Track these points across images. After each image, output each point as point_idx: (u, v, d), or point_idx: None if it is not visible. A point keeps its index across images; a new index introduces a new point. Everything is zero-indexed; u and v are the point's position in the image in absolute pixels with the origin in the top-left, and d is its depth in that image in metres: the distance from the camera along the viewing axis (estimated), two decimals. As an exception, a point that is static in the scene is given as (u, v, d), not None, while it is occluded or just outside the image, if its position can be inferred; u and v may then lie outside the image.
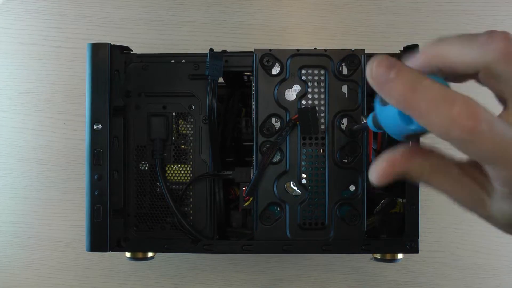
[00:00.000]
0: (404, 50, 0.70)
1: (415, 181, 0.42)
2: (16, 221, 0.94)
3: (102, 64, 0.68)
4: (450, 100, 0.33)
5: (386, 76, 0.35)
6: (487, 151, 0.33)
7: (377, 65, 0.35)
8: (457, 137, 0.32)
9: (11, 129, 0.94)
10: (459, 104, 0.32)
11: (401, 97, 0.34)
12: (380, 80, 0.35)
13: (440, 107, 0.32)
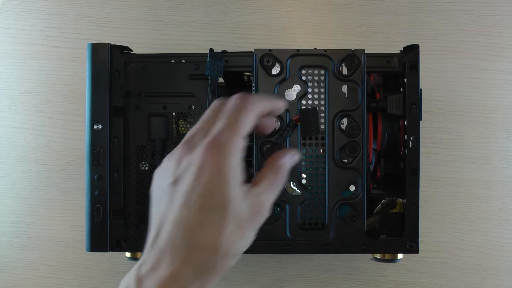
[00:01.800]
0: (404, 50, 0.70)
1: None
2: (16, 221, 0.94)
3: (102, 64, 0.68)
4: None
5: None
6: None
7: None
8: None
9: (11, 129, 0.94)
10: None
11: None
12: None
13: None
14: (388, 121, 0.71)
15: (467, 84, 0.90)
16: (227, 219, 0.48)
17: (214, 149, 0.49)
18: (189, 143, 0.51)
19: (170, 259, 0.47)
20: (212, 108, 0.54)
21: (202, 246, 0.47)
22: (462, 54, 0.91)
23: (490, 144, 0.90)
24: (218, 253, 0.47)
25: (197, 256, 0.47)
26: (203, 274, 0.47)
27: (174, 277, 0.46)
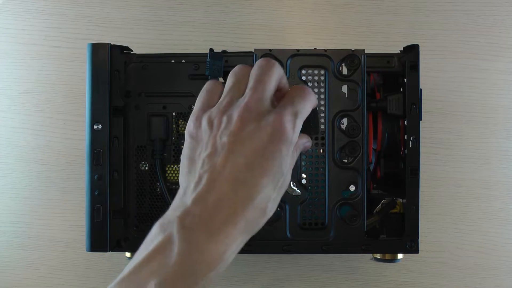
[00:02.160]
0: (404, 50, 0.70)
1: None
2: (16, 221, 0.94)
3: (102, 64, 0.68)
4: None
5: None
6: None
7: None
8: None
9: (11, 129, 0.94)
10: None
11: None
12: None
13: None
14: (388, 121, 0.71)
15: (467, 84, 0.90)
16: (277, 187, 0.51)
17: (287, 124, 0.51)
18: (254, 111, 0.51)
19: (224, 215, 0.47)
20: (238, 74, 0.55)
21: (257, 207, 0.49)
22: (462, 54, 0.90)
23: (490, 144, 0.90)
24: (265, 215, 0.50)
25: (249, 216, 0.48)
26: (248, 232, 0.49)
27: (229, 233, 0.47)
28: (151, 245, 0.47)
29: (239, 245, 0.49)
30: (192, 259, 0.46)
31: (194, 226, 0.47)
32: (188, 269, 0.45)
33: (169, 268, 0.45)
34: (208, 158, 0.50)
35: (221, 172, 0.49)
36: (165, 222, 0.48)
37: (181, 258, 0.45)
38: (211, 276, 0.46)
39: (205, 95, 0.56)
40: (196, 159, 0.52)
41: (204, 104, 0.55)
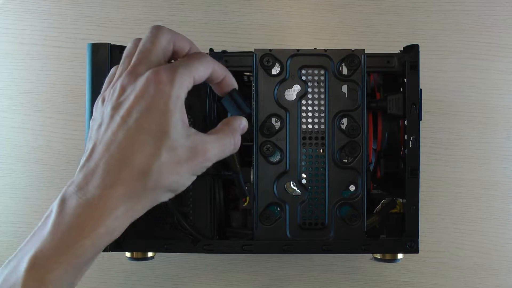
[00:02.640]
0: (404, 50, 0.70)
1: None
2: (16, 221, 0.94)
3: (102, 64, 0.68)
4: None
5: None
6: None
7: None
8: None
9: (11, 129, 0.94)
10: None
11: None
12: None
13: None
14: (388, 121, 0.71)
15: (467, 84, 0.90)
16: (162, 147, 0.49)
17: (161, 76, 0.50)
18: (133, 73, 0.51)
19: (100, 179, 0.47)
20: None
21: (134, 168, 0.47)
22: (462, 54, 0.90)
23: (490, 144, 0.90)
24: (149, 179, 0.48)
25: (127, 178, 0.47)
26: (131, 198, 0.48)
27: (101, 197, 0.46)
28: (39, 222, 0.48)
29: (126, 213, 0.48)
30: (62, 227, 0.45)
31: (70, 194, 0.47)
32: (59, 237, 0.45)
33: (43, 239, 0.45)
34: (96, 130, 0.51)
35: (102, 138, 0.49)
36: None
37: (53, 227, 0.45)
38: (86, 243, 0.46)
39: (106, 79, 0.57)
40: (91, 136, 0.51)
41: (105, 87, 0.55)
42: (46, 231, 0.46)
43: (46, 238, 0.45)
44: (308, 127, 0.68)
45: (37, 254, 0.45)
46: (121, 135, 0.48)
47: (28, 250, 0.46)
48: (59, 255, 0.45)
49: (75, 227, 0.45)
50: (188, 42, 0.57)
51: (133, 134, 0.48)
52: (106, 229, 0.47)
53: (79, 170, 0.48)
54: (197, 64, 0.54)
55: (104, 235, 0.47)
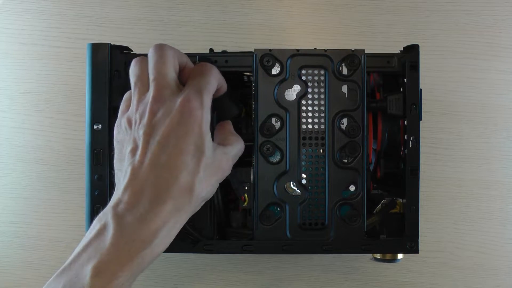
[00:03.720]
0: (404, 50, 0.70)
1: None
2: (16, 221, 0.94)
3: (102, 64, 0.68)
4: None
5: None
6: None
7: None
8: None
9: (11, 129, 0.94)
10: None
11: None
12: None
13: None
14: (388, 121, 0.71)
15: (467, 84, 0.90)
16: (200, 165, 0.55)
17: (193, 103, 0.55)
18: (161, 99, 0.56)
19: (151, 197, 0.52)
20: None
21: (181, 186, 0.54)
22: (462, 54, 0.90)
23: (490, 144, 0.90)
24: (193, 195, 0.55)
25: (176, 195, 0.53)
26: (179, 211, 0.54)
27: (156, 213, 0.52)
28: (89, 235, 0.52)
29: (175, 225, 0.54)
30: (124, 240, 0.50)
31: (124, 211, 0.52)
32: (121, 248, 0.50)
33: (104, 251, 0.50)
34: (131, 153, 0.55)
35: (142, 161, 0.54)
36: (101, 214, 0.53)
37: (114, 240, 0.50)
38: (146, 253, 0.51)
39: (123, 103, 0.62)
40: (123, 158, 0.57)
41: (123, 110, 0.61)
42: (106, 243, 0.50)
43: (108, 249, 0.50)
44: (308, 127, 0.68)
45: (101, 263, 0.49)
46: (164, 158, 0.54)
47: (87, 260, 0.50)
48: (123, 265, 0.50)
49: (136, 239, 0.51)
50: (184, 55, 0.62)
51: (176, 156, 0.54)
52: (160, 240, 0.53)
53: (123, 190, 0.53)
54: (211, 79, 0.60)
55: (160, 245, 0.53)
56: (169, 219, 0.53)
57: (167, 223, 0.53)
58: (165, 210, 0.52)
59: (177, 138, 0.54)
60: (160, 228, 0.52)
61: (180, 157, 0.54)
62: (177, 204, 0.53)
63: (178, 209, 0.54)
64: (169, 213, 0.53)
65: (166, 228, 0.53)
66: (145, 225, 0.51)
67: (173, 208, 0.53)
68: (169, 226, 0.53)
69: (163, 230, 0.52)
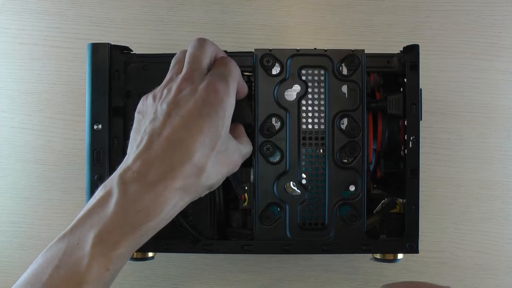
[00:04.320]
0: (404, 50, 0.70)
1: None
2: (16, 221, 0.94)
3: (102, 64, 0.68)
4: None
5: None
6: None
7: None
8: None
9: (11, 129, 0.94)
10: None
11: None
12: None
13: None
14: (388, 121, 0.71)
15: (467, 84, 0.90)
16: (215, 149, 0.55)
17: (220, 87, 0.56)
18: (189, 79, 0.57)
19: (162, 169, 0.52)
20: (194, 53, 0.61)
21: (194, 164, 0.53)
22: (462, 54, 0.90)
23: (490, 144, 0.90)
24: (203, 175, 0.54)
25: (187, 172, 0.53)
26: (185, 191, 0.53)
27: (165, 187, 0.51)
28: (92, 201, 0.52)
29: (179, 203, 0.53)
30: (129, 208, 0.50)
31: (132, 179, 0.51)
32: (125, 217, 0.50)
33: (107, 219, 0.50)
34: (150, 123, 0.55)
35: (160, 133, 0.53)
36: (107, 181, 0.53)
37: (117, 208, 0.50)
38: (150, 225, 0.51)
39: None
40: (140, 128, 0.57)
41: (158, 89, 0.60)
42: (110, 211, 0.50)
43: (111, 217, 0.50)
44: (308, 127, 0.68)
45: (102, 232, 0.49)
46: (183, 133, 0.53)
47: (89, 227, 0.50)
48: (125, 234, 0.50)
49: (141, 210, 0.50)
50: (222, 52, 0.64)
51: (195, 134, 0.53)
52: (165, 215, 0.52)
53: (135, 158, 0.53)
54: (232, 68, 0.60)
55: (163, 220, 0.52)
56: (175, 196, 0.52)
57: (173, 199, 0.52)
58: (174, 186, 0.52)
59: (199, 116, 0.54)
60: (167, 203, 0.52)
61: (200, 136, 0.53)
62: (186, 183, 0.53)
63: (186, 188, 0.53)
64: (177, 189, 0.52)
65: (171, 204, 0.52)
66: (153, 197, 0.51)
67: (182, 185, 0.52)
68: (174, 203, 0.53)
69: (168, 205, 0.52)
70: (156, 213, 0.51)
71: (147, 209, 0.50)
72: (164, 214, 0.52)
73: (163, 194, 0.51)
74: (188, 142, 0.53)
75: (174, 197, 0.52)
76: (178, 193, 0.52)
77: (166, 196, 0.51)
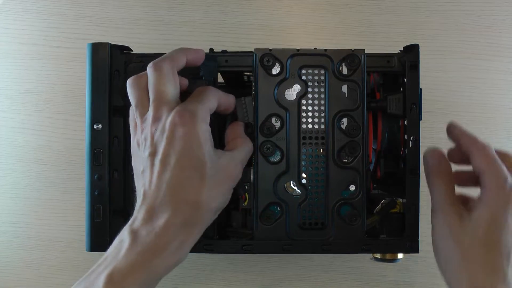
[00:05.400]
0: (404, 50, 0.70)
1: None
2: (16, 221, 0.94)
3: (102, 64, 0.68)
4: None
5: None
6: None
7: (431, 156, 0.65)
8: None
9: (11, 129, 0.94)
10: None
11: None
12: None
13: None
14: (388, 121, 0.71)
15: (467, 84, 0.90)
16: (205, 176, 0.57)
17: (184, 118, 0.56)
18: (157, 119, 0.58)
19: (161, 213, 0.55)
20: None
21: (186, 201, 0.56)
22: (462, 54, 0.90)
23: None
24: (201, 208, 0.57)
25: (183, 210, 0.55)
26: (188, 226, 0.56)
27: (166, 227, 0.54)
28: (108, 251, 0.56)
29: (186, 238, 0.56)
30: (137, 250, 0.53)
31: (139, 226, 0.55)
32: (134, 258, 0.53)
33: (118, 261, 0.53)
34: (142, 174, 0.59)
35: (151, 181, 0.57)
36: (120, 233, 0.57)
37: (128, 252, 0.53)
38: (158, 263, 0.54)
39: (130, 122, 0.63)
40: (139, 180, 0.60)
41: (132, 131, 0.63)
42: (121, 254, 0.53)
43: (122, 259, 0.53)
44: (308, 127, 0.68)
45: (114, 271, 0.52)
46: (168, 176, 0.56)
47: (102, 270, 0.53)
48: (134, 272, 0.53)
49: (147, 250, 0.53)
50: (182, 53, 0.63)
51: (178, 173, 0.55)
52: (172, 252, 0.55)
53: (138, 209, 0.57)
54: (209, 96, 0.61)
55: (171, 256, 0.55)
56: (179, 232, 0.55)
57: (178, 236, 0.55)
58: (174, 224, 0.55)
59: (176, 154, 0.56)
60: (170, 241, 0.54)
61: (182, 173, 0.56)
62: (186, 219, 0.56)
63: (188, 223, 0.56)
64: (179, 227, 0.55)
65: (177, 241, 0.55)
66: (156, 238, 0.54)
67: (182, 222, 0.55)
68: (180, 239, 0.55)
69: (173, 242, 0.55)
70: (161, 251, 0.54)
71: (152, 248, 0.54)
72: (171, 251, 0.55)
73: (165, 233, 0.54)
74: (174, 182, 0.55)
75: (178, 234, 0.55)
76: (181, 230, 0.55)
77: (169, 235, 0.54)
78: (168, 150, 0.56)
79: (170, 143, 0.56)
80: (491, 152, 0.64)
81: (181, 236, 0.55)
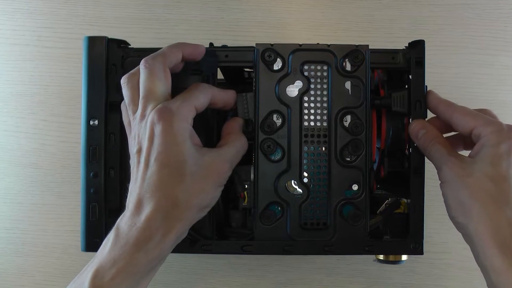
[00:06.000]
0: (409, 46, 0.69)
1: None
2: (10, 227, 0.93)
3: (98, 58, 0.67)
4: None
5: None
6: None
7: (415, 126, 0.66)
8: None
9: (4, 132, 0.93)
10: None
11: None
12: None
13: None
14: (392, 119, 0.70)
15: (473, 80, 0.90)
16: (184, 174, 0.58)
17: (163, 115, 0.57)
18: (142, 117, 0.60)
19: (144, 209, 0.56)
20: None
21: (166, 197, 0.57)
22: (467, 49, 0.90)
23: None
24: (180, 204, 0.57)
25: (163, 205, 0.57)
26: (169, 219, 0.57)
27: (147, 221, 0.56)
28: (100, 247, 0.58)
29: (168, 232, 0.57)
30: (120, 244, 0.56)
31: (123, 223, 0.57)
32: (117, 253, 0.55)
33: (102, 257, 0.56)
34: (131, 172, 0.61)
35: (136, 178, 0.59)
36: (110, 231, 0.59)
37: (111, 247, 0.56)
38: (140, 256, 0.56)
39: (123, 119, 0.66)
40: (132, 177, 0.61)
41: (126, 129, 0.65)
42: (106, 250, 0.56)
43: (106, 255, 0.56)
44: (310, 124, 0.67)
45: (98, 267, 0.55)
46: (149, 173, 0.57)
47: (90, 268, 0.55)
48: (117, 267, 0.55)
49: (129, 244, 0.55)
50: (177, 49, 0.64)
51: (158, 170, 0.57)
52: (153, 245, 0.56)
53: (127, 206, 0.59)
54: (197, 93, 0.62)
55: (153, 250, 0.56)
56: (160, 226, 0.56)
57: (159, 229, 0.56)
58: (155, 219, 0.56)
59: (156, 152, 0.57)
60: (152, 235, 0.56)
61: (162, 170, 0.57)
62: (167, 213, 0.57)
63: (168, 217, 0.57)
64: (159, 221, 0.56)
65: (158, 235, 0.56)
66: (138, 232, 0.56)
67: (163, 216, 0.56)
68: (161, 233, 0.57)
69: (155, 236, 0.56)
70: (142, 245, 0.56)
71: (134, 243, 0.55)
72: (153, 245, 0.56)
73: (145, 228, 0.56)
74: (155, 179, 0.57)
75: (159, 228, 0.56)
76: (162, 223, 0.57)
77: (150, 229, 0.56)
78: (149, 148, 0.58)
79: (151, 140, 0.58)
80: (472, 110, 0.66)
81: (161, 230, 0.56)
